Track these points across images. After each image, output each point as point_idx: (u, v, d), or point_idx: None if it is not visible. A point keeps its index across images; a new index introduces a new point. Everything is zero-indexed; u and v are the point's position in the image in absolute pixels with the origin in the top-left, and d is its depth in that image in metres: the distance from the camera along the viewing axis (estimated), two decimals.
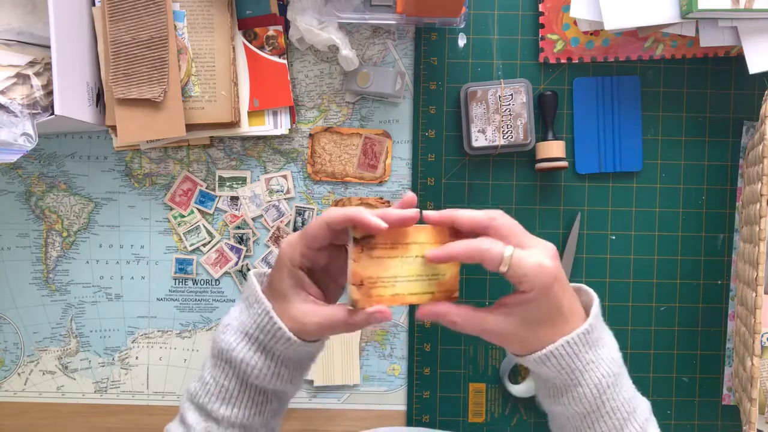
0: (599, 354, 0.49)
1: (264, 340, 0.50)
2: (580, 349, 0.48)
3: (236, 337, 0.51)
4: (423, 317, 0.50)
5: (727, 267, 0.76)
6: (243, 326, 0.51)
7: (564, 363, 0.48)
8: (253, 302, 0.51)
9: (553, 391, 0.51)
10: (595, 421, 0.49)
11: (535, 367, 0.50)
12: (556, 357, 0.48)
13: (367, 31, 0.74)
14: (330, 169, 0.75)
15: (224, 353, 0.51)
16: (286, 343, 0.50)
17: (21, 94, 0.62)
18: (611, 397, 0.49)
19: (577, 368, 0.48)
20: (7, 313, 0.76)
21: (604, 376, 0.49)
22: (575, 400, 0.49)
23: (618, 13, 0.68)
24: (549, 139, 0.72)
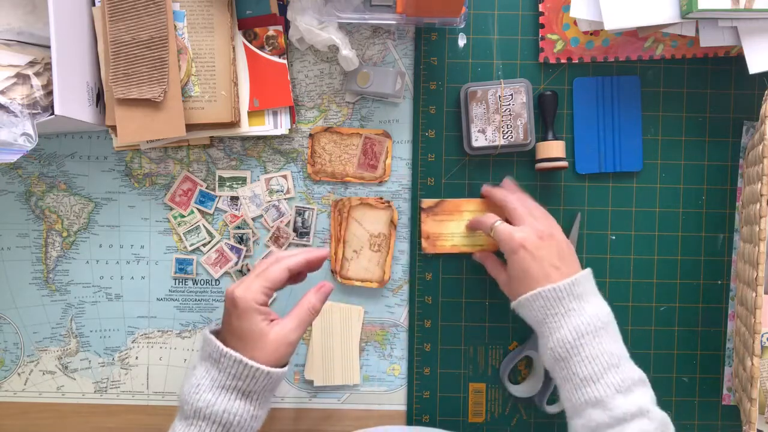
0: (583, 306, 0.57)
1: (242, 386, 0.54)
2: (564, 296, 0.57)
3: (213, 393, 0.54)
4: (477, 258, 0.73)
5: (727, 267, 0.76)
6: (216, 381, 0.54)
7: (549, 305, 0.57)
8: (219, 357, 0.55)
9: (543, 340, 0.57)
10: (575, 364, 0.54)
11: (526, 311, 0.61)
12: (542, 298, 0.58)
13: (367, 31, 0.74)
14: (330, 169, 0.75)
15: (202, 411, 0.53)
16: (266, 378, 0.55)
17: (21, 94, 0.62)
18: (589, 344, 0.54)
19: (560, 312, 0.57)
20: (7, 313, 0.76)
21: (583, 324, 0.55)
22: (557, 342, 0.56)
23: (618, 13, 0.68)
24: (549, 139, 0.72)
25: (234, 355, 0.54)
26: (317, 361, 0.76)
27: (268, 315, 0.57)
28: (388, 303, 0.76)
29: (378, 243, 0.75)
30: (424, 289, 0.76)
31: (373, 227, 0.75)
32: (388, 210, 0.74)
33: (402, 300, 0.76)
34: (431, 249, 0.74)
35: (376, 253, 0.75)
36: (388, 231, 0.75)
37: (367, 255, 0.75)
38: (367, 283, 0.75)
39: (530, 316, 0.61)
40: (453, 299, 0.76)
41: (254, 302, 0.56)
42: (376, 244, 0.75)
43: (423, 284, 0.75)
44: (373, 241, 0.75)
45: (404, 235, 0.76)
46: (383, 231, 0.75)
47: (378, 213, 0.75)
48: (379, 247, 0.75)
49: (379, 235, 0.75)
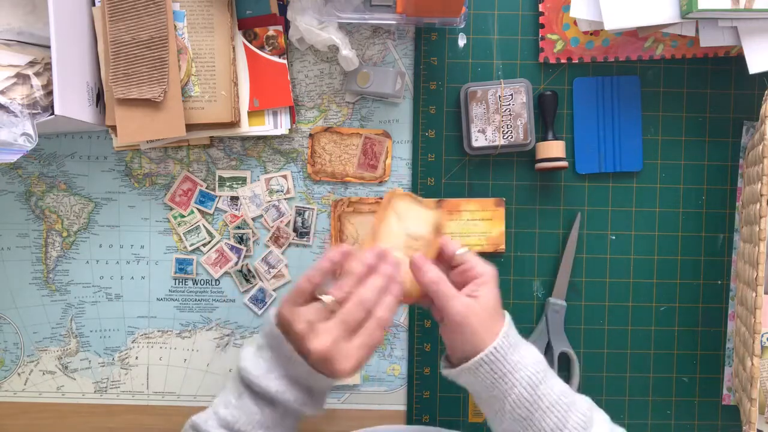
0: (523, 355, 0.53)
1: (308, 383, 0.53)
2: (506, 351, 0.52)
3: (281, 382, 0.52)
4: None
5: (727, 267, 0.76)
6: (286, 374, 0.53)
7: (494, 368, 0.52)
8: (290, 357, 0.52)
9: (495, 406, 0.53)
10: (539, 420, 0.51)
11: (469, 381, 0.54)
12: (486, 363, 0.52)
13: (367, 31, 0.74)
14: (330, 169, 0.75)
15: (272, 395, 0.52)
16: (327, 382, 0.53)
17: (21, 94, 0.62)
18: (545, 393, 0.51)
19: (507, 370, 0.52)
20: (7, 313, 0.76)
21: (533, 373, 0.52)
22: (515, 403, 0.51)
23: (618, 13, 0.68)
24: (549, 139, 0.72)
25: (306, 367, 0.52)
26: None
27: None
28: None
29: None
30: None
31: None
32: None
33: None
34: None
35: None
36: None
37: None
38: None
39: (476, 384, 0.53)
40: None
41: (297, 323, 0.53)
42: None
43: None
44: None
45: None
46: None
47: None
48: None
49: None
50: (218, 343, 0.76)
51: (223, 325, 0.76)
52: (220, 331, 0.76)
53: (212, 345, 0.77)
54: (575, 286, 0.76)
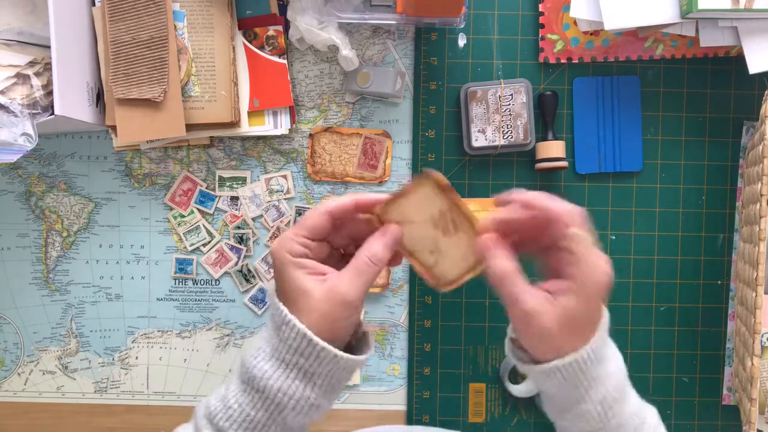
0: (606, 369, 0.46)
1: (304, 364, 0.44)
2: (588, 366, 0.45)
3: (271, 364, 0.45)
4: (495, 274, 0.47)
5: (727, 267, 0.76)
6: (276, 351, 0.45)
7: (570, 378, 0.45)
8: (281, 323, 0.45)
9: (558, 406, 0.49)
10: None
11: (539, 380, 0.48)
12: (562, 372, 0.45)
13: (367, 31, 0.74)
14: (330, 169, 0.75)
15: (257, 380, 0.45)
16: (332, 363, 0.45)
17: (21, 94, 0.62)
18: (617, 413, 0.46)
19: (582, 385, 0.45)
20: (7, 313, 0.76)
21: (609, 392, 0.46)
22: (579, 416, 0.47)
23: (618, 13, 0.68)
24: (549, 139, 0.72)
25: (298, 326, 0.44)
26: None
27: (312, 269, 0.46)
28: (388, 303, 0.76)
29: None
30: (424, 289, 0.75)
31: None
32: None
33: (402, 300, 0.76)
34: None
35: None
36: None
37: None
38: (371, 289, 0.75)
39: (545, 386, 0.48)
40: (453, 299, 0.76)
41: (288, 253, 0.46)
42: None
43: (423, 284, 0.75)
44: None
45: None
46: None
47: None
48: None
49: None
50: (218, 343, 0.76)
51: (223, 325, 0.76)
52: (220, 331, 0.76)
53: (212, 345, 0.77)
54: None
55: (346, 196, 0.48)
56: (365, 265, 0.46)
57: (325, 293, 0.45)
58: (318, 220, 0.47)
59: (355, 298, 0.45)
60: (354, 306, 0.45)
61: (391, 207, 0.48)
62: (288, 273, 0.46)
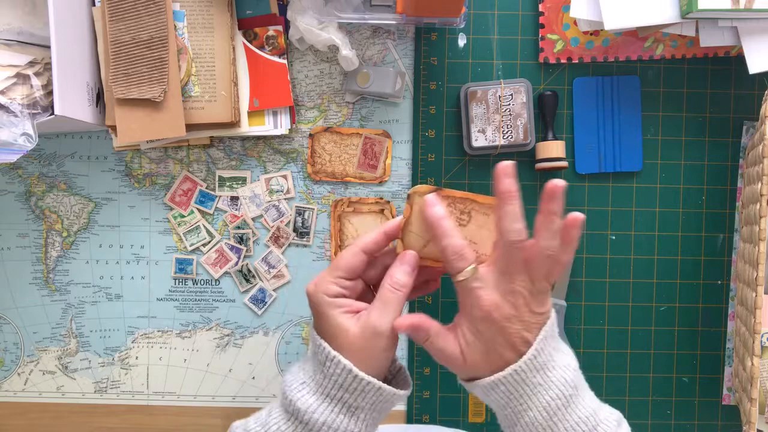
0: (548, 377, 0.47)
1: (348, 399, 0.47)
2: (527, 375, 0.47)
3: (316, 398, 0.47)
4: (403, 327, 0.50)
5: (727, 267, 0.76)
6: (321, 387, 0.47)
7: (513, 388, 0.47)
8: (325, 360, 0.47)
9: (507, 422, 0.50)
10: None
11: (484, 396, 0.50)
12: (504, 383, 0.47)
13: (367, 31, 0.74)
14: (330, 169, 0.75)
15: (301, 413, 0.47)
16: (376, 395, 0.47)
17: (21, 94, 0.62)
18: (563, 419, 0.47)
19: (525, 393, 0.47)
20: (7, 313, 0.76)
21: (553, 399, 0.46)
22: (527, 426, 0.47)
23: (618, 13, 0.68)
24: (549, 139, 0.72)
25: (343, 362, 0.47)
26: None
27: (348, 307, 0.49)
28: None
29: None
30: None
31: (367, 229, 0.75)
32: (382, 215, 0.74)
33: None
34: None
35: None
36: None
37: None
38: None
39: (489, 400, 0.50)
40: (453, 300, 0.75)
41: (325, 294, 0.49)
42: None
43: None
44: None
45: None
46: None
47: (372, 217, 0.75)
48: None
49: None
50: (218, 343, 0.76)
51: (223, 325, 0.76)
52: (220, 331, 0.76)
53: (212, 345, 0.77)
54: (575, 286, 0.76)
55: (375, 231, 0.51)
56: (389, 293, 0.49)
57: (360, 329, 0.48)
58: (353, 261, 0.50)
59: (385, 327, 0.48)
60: (386, 336, 0.48)
61: (407, 240, 0.51)
62: (325, 313, 0.49)
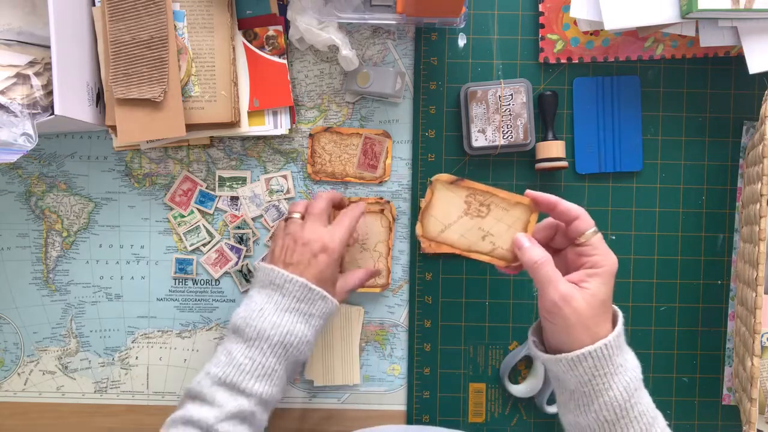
0: (627, 358, 0.51)
1: (304, 308, 0.58)
2: (614, 352, 0.49)
3: (278, 315, 0.57)
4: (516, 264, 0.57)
5: (727, 267, 0.76)
6: (280, 305, 0.58)
7: (599, 364, 0.49)
8: (283, 282, 0.58)
9: (581, 402, 0.51)
10: (624, 426, 0.49)
11: (568, 370, 0.50)
12: (593, 357, 0.49)
13: (367, 31, 0.74)
14: (330, 169, 0.75)
15: (266, 332, 0.56)
16: (324, 303, 0.59)
17: (21, 94, 0.62)
18: (638, 401, 0.49)
19: (609, 371, 0.49)
20: (7, 313, 0.76)
21: (632, 380, 0.49)
22: (606, 404, 0.49)
23: (618, 13, 0.68)
24: (549, 139, 0.72)
25: (299, 280, 0.58)
26: (317, 361, 0.76)
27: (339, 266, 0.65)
28: (388, 303, 0.76)
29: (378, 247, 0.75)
30: (424, 289, 0.76)
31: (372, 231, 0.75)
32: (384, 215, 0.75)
33: (402, 300, 0.76)
34: (431, 249, 0.73)
35: (378, 258, 0.75)
36: (386, 234, 0.75)
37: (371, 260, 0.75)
38: (371, 289, 0.75)
39: (570, 376, 0.51)
40: (453, 299, 0.76)
41: (338, 255, 0.62)
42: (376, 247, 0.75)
43: (423, 284, 0.75)
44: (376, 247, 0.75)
45: (404, 235, 0.76)
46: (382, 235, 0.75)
47: (374, 217, 0.75)
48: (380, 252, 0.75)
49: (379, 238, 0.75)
50: (218, 343, 0.76)
51: (223, 325, 0.76)
52: (220, 331, 0.76)
53: (212, 345, 0.77)
54: None
55: (327, 194, 0.66)
56: (342, 215, 0.64)
57: (338, 290, 0.64)
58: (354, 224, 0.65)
59: (336, 244, 0.61)
60: (330, 250, 0.60)
61: (426, 223, 0.56)
62: (334, 266, 0.62)
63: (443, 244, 0.56)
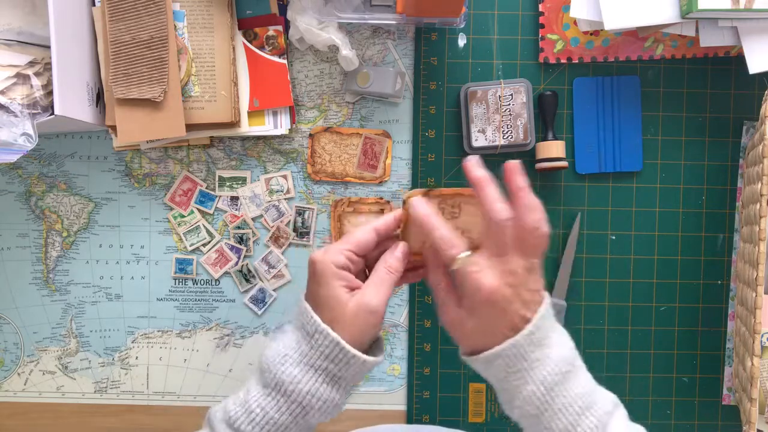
0: (546, 353, 0.49)
1: (333, 369, 0.49)
2: (525, 350, 0.49)
3: (300, 369, 0.49)
4: (428, 282, 0.55)
5: (727, 267, 0.76)
6: (306, 357, 0.49)
7: (512, 363, 0.49)
8: (313, 332, 0.49)
9: (506, 396, 0.51)
10: (549, 419, 0.49)
11: (484, 369, 0.52)
12: (502, 357, 0.49)
13: (367, 31, 0.74)
14: (330, 169, 0.75)
15: (284, 385, 0.48)
16: (360, 367, 0.50)
17: (21, 94, 0.62)
18: (560, 394, 0.49)
19: (524, 368, 0.49)
20: (7, 313, 0.76)
21: (550, 374, 0.49)
22: (525, 400, 0.49)
23: (618, 13, 0.68)
24: (549, 139, 0.72)
25: (332, 335, 0.48)
26: None
27: (349, 282, 0.51)
28: (388, 303, 0.76)
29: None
30: (424, 289, 0.76)
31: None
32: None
33: (402, 300, 0.76)
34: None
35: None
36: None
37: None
38: None
39: (488, 374, 0.52)
40: None
41: (332, 264, 0.50)
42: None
43: (423, 284, 0.75)
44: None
45: None
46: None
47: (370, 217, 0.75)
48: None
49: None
50: (218, 343, 0.77)
51: (223, 325, 0.76)
52: (220, 331, 0.76)
53: (212, 345, 0.77)
54: (575, 286, 0.76)
55: (387, 215, 0.55)
56: (385, 274, 0.52)
57: (355, 305, 0.50)
58: (365, 237, 0.53)
59: (378, 306, 0.51)
60: (378, 314, 0.51)
61: (406, 236, 0.55)
62: (328, 282, 0.51)
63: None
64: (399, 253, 0.54)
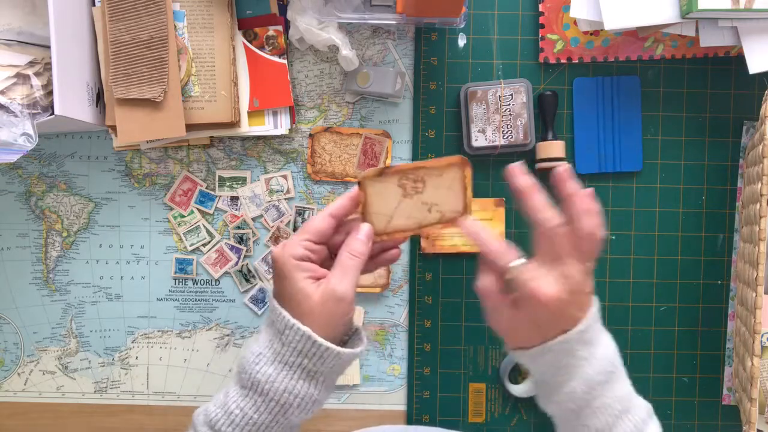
0: (593, 352, 0.50)
1: (307, 365, 0.48)
2: (574, 347, 0.49)
3: (274, 367, 0.48)
4: (477, 290, 0.53)
5: (727, 267, 0.76)
6: (279, 355, 0.48)
7: (559, 358, 0.50)
8: (284, 329, 0.48)
9: (548, 390, 0.52)
10: (587, 417, 0.50)
11: (530, 364, 0.52)
12: (553, 352, 0.49)
13: (367, 31, 0.74)
14: (330, 169, 0.75)
15: (260, 384, 0.48)
16: (335, 359, 0.49)
17: (21, 94, 0.62)
18: (602, 394, 0.49)
19: (571, 364, 0.50)
20: (7, 313, 0.76)
21: (595, 373, 0.49)
22: (567, 395, 0.50)
23: (618, 13, 0.68)
24: (549, 139, 0.72)
25: (302, 329, 0.47)
26: None
27: (312, 272, 0.50)
28: (388, 303, 0.76)
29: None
30: (424, 289, 0.76)
31: None
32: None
33: (402, 300, 0.76)
34: (431, 249, 0.74)
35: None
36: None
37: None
38: (371, 289, 0.75)
39: (533, 367, 0.52)
40: (453, 299, 0.76)
41: (291, 257, 0.49)
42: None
43: (423, 284, 0.75)
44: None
45: None
46: None
47: None
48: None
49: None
50: (218, 343, 0.77)
51: (223, 325, 0.76)
52: (220, 331, 0.76)
53: (212, 345, 0.77)
54: None
55: (342, 197, 0.53)
56: (348, 259, 0.51)
57: (321, 295, 0.49)
58: (321, 224, 0.51)
59: (345, 292, 0.49)
60: (347, 301, 0.49)
61: (371, 221, 0.53)
62: (289, 276, 0.50)
63: (394, 232, 0.54)
64: (362, 236, 0.52)
